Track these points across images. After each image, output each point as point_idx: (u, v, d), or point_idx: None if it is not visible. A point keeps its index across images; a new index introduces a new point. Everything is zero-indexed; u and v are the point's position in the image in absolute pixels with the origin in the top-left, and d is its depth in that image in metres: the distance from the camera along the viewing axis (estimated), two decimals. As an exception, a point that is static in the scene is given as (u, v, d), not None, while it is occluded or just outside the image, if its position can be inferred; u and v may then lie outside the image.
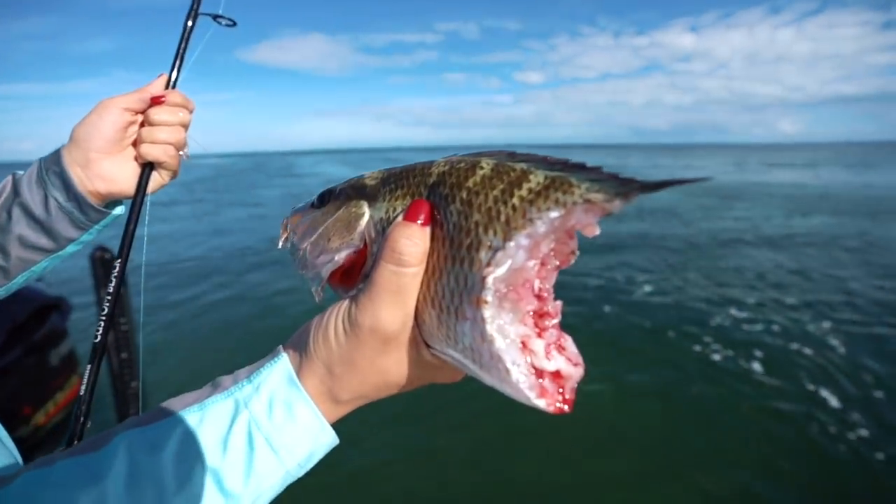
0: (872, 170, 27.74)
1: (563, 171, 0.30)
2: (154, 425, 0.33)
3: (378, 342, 0.35)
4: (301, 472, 0.36)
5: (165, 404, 0.35)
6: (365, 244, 0.39)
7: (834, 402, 3.33)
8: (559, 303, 0.33)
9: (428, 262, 0.34)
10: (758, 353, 3.99)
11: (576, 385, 0.32)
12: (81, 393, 0.58)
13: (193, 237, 8.87)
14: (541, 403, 0.30)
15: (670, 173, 26.41)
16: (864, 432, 2.99)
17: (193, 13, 0.73)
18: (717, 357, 3.96)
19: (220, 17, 0.76)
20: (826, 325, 4.64)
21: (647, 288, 5.64)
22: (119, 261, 0.63)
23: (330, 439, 0.37)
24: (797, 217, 11.14)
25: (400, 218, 0.35)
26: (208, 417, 0.34)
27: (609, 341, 4.26)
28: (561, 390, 0.31)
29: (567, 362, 0.32)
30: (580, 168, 0.30)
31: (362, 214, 0.38)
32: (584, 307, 4.97)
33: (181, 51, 0.71)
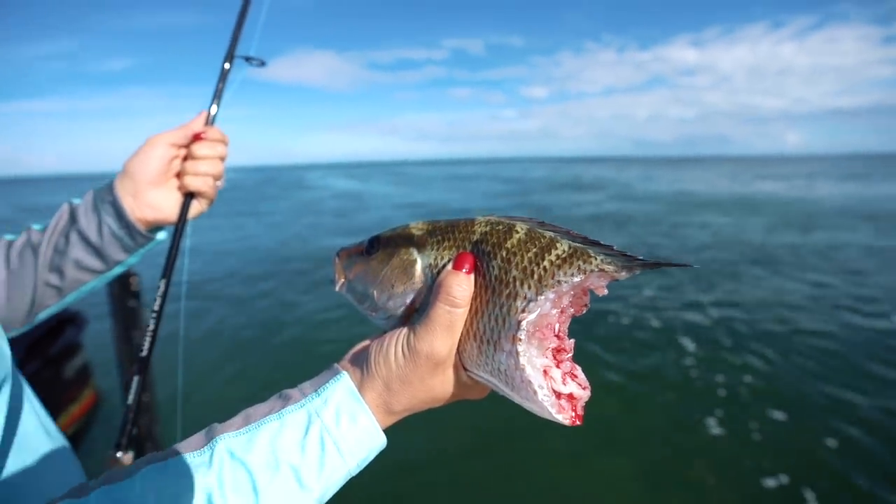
0: (867, 181, 27.71)
1: (583, 243, 0.38)
2: (244, 429, 0.40)
3: (431, 365, 0.43)
4: (357, 471, 0.42)
5: (245, 413, 0.42)
6: None
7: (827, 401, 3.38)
8: (572, 341, 0.41)
9: (471, 304, 0.42)
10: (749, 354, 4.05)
11: (585, 404, 0.40)
12: (129, 402, 0.64)
13: (214, 249, 9.04)
14: (559, 418, 0.39)
15: (660, 185, 26.96)
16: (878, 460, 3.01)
17: (230, 56, 0.80)
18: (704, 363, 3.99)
19: (252, 58, 0.84)
20: (798, 324, 4.77)
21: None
22: (164, 280, 0.69)
23: (382, 443, 0.44)
24: (779, 228, 11.28)
25: (450, 266, 0.42)
26: (287, 425, 0.40)
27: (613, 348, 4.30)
28: (574, 408, 0.40)
29: (578, 387, 0.40)
30: (596, 244, 0.38)
31: (414, 261, 0.45)
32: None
33: (219, 90, 0.78)
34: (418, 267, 0.46)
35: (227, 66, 0.80)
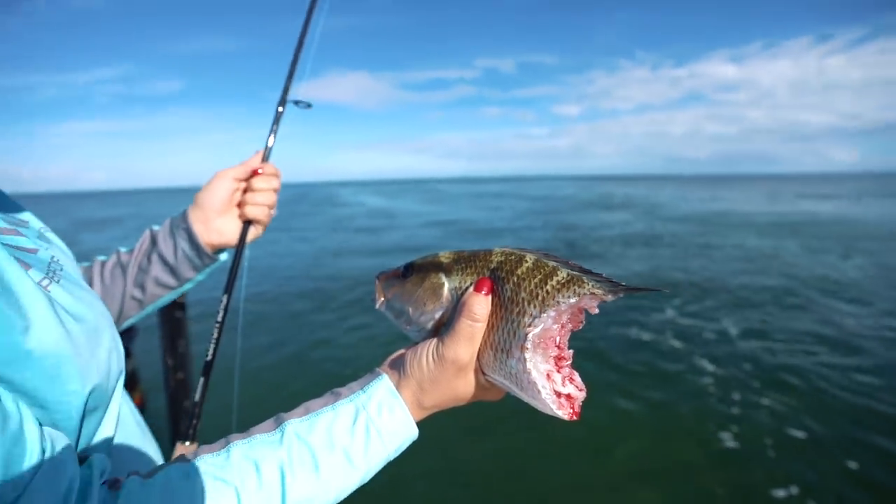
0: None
1: (578, 272, 0.47)
2: (305, 417, 0.50)
3: (455, 369, 0.51)
4: (395, 455, 0.52)
5: (305, 405, 0.51)
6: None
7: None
8: (571, 351, 0.49)
9: (488, 320, 0.50)
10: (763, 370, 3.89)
11: (581, 403, 0.48)
12: (196, 399, 0.75)
13: (249, 265, 9.39)
14: (560, 413, 0.47)
15: (694, 204, 26.28)
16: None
17: (282, 101, 0.93)
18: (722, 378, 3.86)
19: (300, 102, 0.96)
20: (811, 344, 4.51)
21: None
22: (226, 296, 0.81)
23: (415, 433, 0.53)
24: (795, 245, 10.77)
25: (472, 289, 0.51)
26: (339, 415, 0.50)
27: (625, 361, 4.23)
28: (572, 406, 0.48)
29: (575, 388, 0.48)
30: (589, 272, 0.46)
31: (442, 284, 0.54)
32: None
33: (273, 131, 0.90)
34: (446, 289, 0.54)
35: (280, 109, 0.92)
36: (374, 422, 0.50)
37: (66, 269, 0.52)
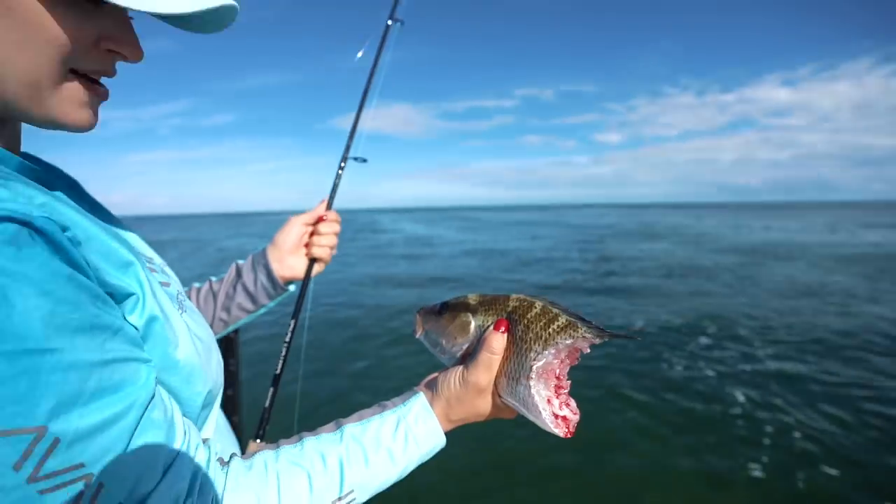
0: None
1: (576, 318, 0.58)
2: (359, 422, 0.63)
3: (476, 391, 0.63)
4: (427, 458, 0.63)
5: (358, 413, 0.65)
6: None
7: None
8: (569, 381, 0.60)
9: (504, 352, 0.62)
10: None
11: (576, 424, 0.59)
12: (266, 405, 0.91)
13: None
14: (557, 431, 0.58)
15: (743, 233, 25.00)
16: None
17: (344, 158, 1.12)
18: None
19: (358, 158, 1.14)
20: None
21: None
22: (294, 320, 0.98)
23: (443, 441, 0.64)
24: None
25: (492, 328, 0.62)
26: (385, 423, 0.62)
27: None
28: (567, 426, 0.59)
29: (570, 412, 0.59)
30: (583, 319, 0.57)
31: (469, 322, 0.67)
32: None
33: (335, 186, 1.09)
34: (472, 326, 0.66)
35: (342, 164, 1.11)
36: (412, 429, 0.62)
37: (186, 298, 0.69)
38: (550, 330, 0.57)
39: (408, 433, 0.61)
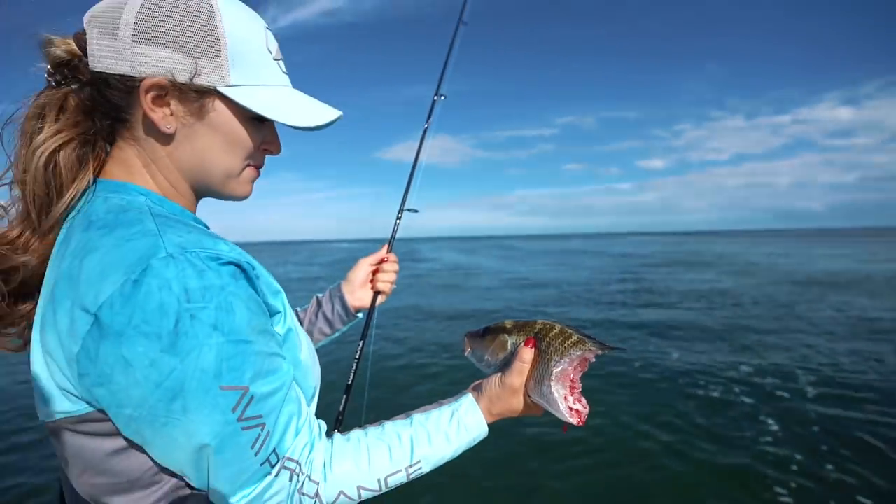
0: None
1: (584, 336, 0.73)
2: (424, 413, 0.77)
3: (511, 391, 0.78)
4: (475, 442, 0.77)
5: (422, 408, 0.78)
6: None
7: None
8: (581, 384, 0.74)
9: (532, 362, 0.77)
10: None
11: (586, 415, 0.76)
12: (340, 409, 1.15)
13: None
14: (571, 420, 0.75)
15: (797, 261, 23.67)
16: None
17: (400, 210, 1.38)
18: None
19: (412, 209, 1.40)
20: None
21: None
22: (362, 341, 1.22)
23: (486, 430, 0.78)
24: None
25: (522, 344, 0.78)
26: (443, 413, 0.76)
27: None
28: (579, 416, 0.76)
29: (582, 406, 0.77)
30: (590, 337, 0.72)
31: (506, 341, 0.82)
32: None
33: (393, 234, 1.34)
34: (508, 344, 0.82)
35: (400, 215, 1.37)
36: (463, 419, 0.76)
37: None
38: (566, 345, 0.74)
39: (460, 421, 0.76)
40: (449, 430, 0.75)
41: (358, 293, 1.22)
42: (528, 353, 0.77)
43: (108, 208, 0.60)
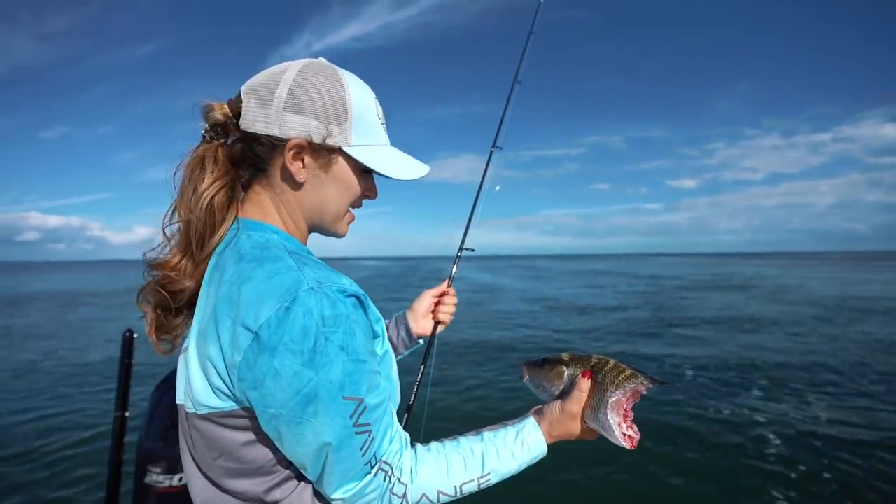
0: None
1: (636, 370, 0.81)
2: (492, 432, 0.83)
3: (570, 417, 0.84)
4: (536, 460, 0.83)
5: (490, 427, 0.84)
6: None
7: None
8: (633, 413, 0.80)
9: (588, 392, 0.84)
10: None
11: (638, 440, 0.79)
12: (402, 425, 1.30)
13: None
14: (625, 445, 0.79)
15: (834, 285, 22.69)
16: None
17: (460, 249, 1.53)
18: None
19: (469, 248, 1.55)
20: None
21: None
22: (423, 365, 1.38)
23: (545, 450, 0.84)
24: None
25: (580, 375, 0.85)
26: (508, 432, 0.82)
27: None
28: (632, 442, 0.79)
29: (634, 432, 0.86)
30: (643, 372, 0.81)
31: (564, 372, 0.89)
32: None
33: (452, 272, 1.50)
34: (566, 374, 0.89)
35: (459, 255, 1.53)
36: (526, 438, 0.83)
37: None
38: (621, 378, 0.82)
39: (523, 441, 0.83)
40: (514, 447, 0.82)
41: (421, 322, 1.32)
42: (585, 384, 0.85)
43: (253, 244, 0.72)
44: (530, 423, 0.86)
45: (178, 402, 0.78)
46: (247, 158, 0.78)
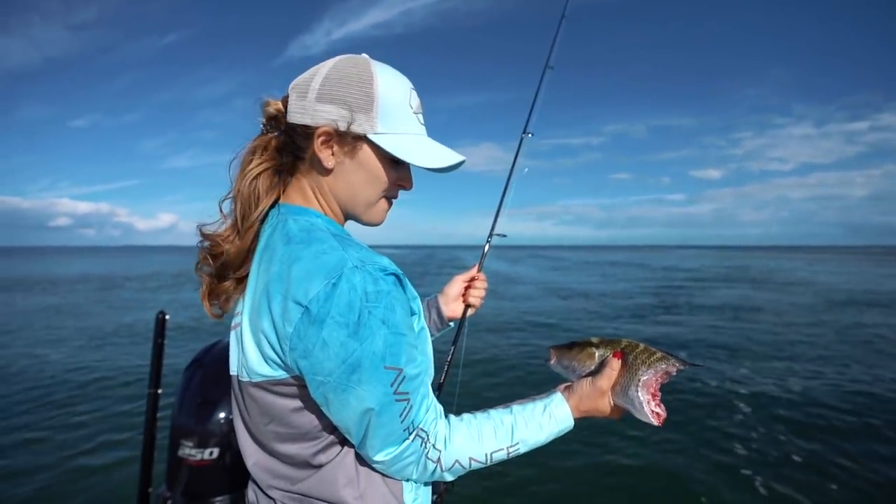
0: None
1: (667, 352, 0.85)
2: (521, 405, 0.86)
3: (600, 393, 0.86)
4: (563, 432, 0.86)
5: (520, 400, 0.88)
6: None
7: None
8: (660, 393, 0.84)
9: (619, 371, 0.87)
10: None
11: (665, 418, 0.83)
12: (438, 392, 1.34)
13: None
14: (653, 421, 0.88)
15: (852, 282, 21.94)
16: None
17: (490, 234, 1.55)
18: None
19: (500, 234, 1.57)
20: None
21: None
22: (454, 346, 1.41)
23: (571, 423, 0.87)
24: None
25: (610, 356, 0.88)
26: (536, 406, 0.86)
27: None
28: (659, 419, 0.89)
29: (662, 410, 0.90)
30: (673, 354, 0.84)
31: (594, 353, 0.93)
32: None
33: (483, 256, 1.52)
34: (596, 356, 0.93)
35: (489, 240, 1.54)
36: (553, 412, 0.86)
37: None
38: (652, 359, 0.86)
39: (551, 414, 0.86)
40: (542, 420, 0.86)
41: (452, 305, 1.36)
42: (616, 363, 0.89)
43: (300, 228, 0.77)
44: (558, 397, 0.90)
45: (232, 373, 0.84)
46: (288, 147, 0.83)
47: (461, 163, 0.85)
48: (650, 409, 0.85)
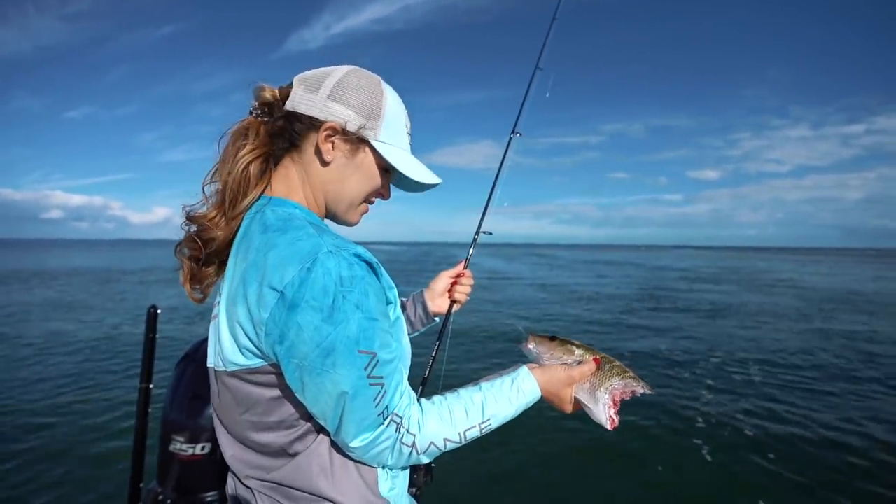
0: None
1: (637, 375, 0.93)
2: (489, 382, 0.88)
3: (569, 382, 0.91)
4: (530, 404, 0.88)
5: (486, 377, 0.90)
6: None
7: None
8: (620, 403, 0.90)
9: (593, 373, 0.92)
10: None
11: (616, 425, 0.90)
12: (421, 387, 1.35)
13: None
14: (607, 425, 0.90)
15: (838, 282, 22.37)
16: None
17: (477, 231, 1.56)
18: None
19: (486, 231, 1.59)
20: None
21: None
22: (438, 341, 1.42)
23: (539, 395, 0.89)
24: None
25: (589, 358, 0.93)
26: (504, 381, 0.87)
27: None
28: (613, 424, 0.90)
29: (617, 418, 0.95)
30: (640, 378, 0.93)
31: (574, 351, 0.96)
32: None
33: (469, 255, 1.53)
34: (576, 353, 0.96)
35: (476, 237, 1.55)
36: (520, 385, 0.88)
37: None
38: (626, 375, 0.94)
39: (518, 387, 0.88)
40: (510, 394, 0.88)
41: (437, 301, 1.38)
42: (594, 365, 0.94)
43: (277, 217, 0.78)
44: (524, 371, 0.92)
45: (209, 365, 0.85)
46: (284, 133, 0.85)
47: (438, 184, 0.93)
48: (608, 414, 0.91)
